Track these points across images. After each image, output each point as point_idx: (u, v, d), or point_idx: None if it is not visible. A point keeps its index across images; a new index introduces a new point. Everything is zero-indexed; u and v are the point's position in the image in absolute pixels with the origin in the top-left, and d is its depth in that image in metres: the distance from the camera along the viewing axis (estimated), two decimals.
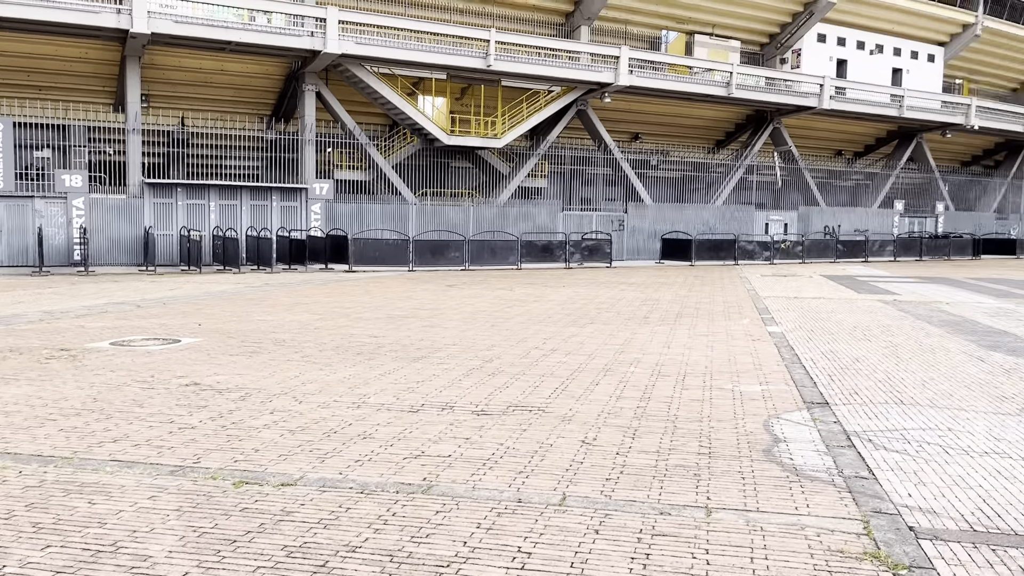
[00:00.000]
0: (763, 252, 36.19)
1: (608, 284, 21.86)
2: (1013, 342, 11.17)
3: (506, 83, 33.21)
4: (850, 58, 42.61)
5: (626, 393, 7.46)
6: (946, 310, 15.44)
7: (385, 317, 13.37)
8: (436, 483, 4.77)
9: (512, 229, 32.78)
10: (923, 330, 12.38)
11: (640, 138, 41.47)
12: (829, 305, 16.26)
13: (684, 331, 12.01)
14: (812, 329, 12.40)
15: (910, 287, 21.73)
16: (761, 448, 5.65)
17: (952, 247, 42.68)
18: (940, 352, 10.18)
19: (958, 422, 6.49)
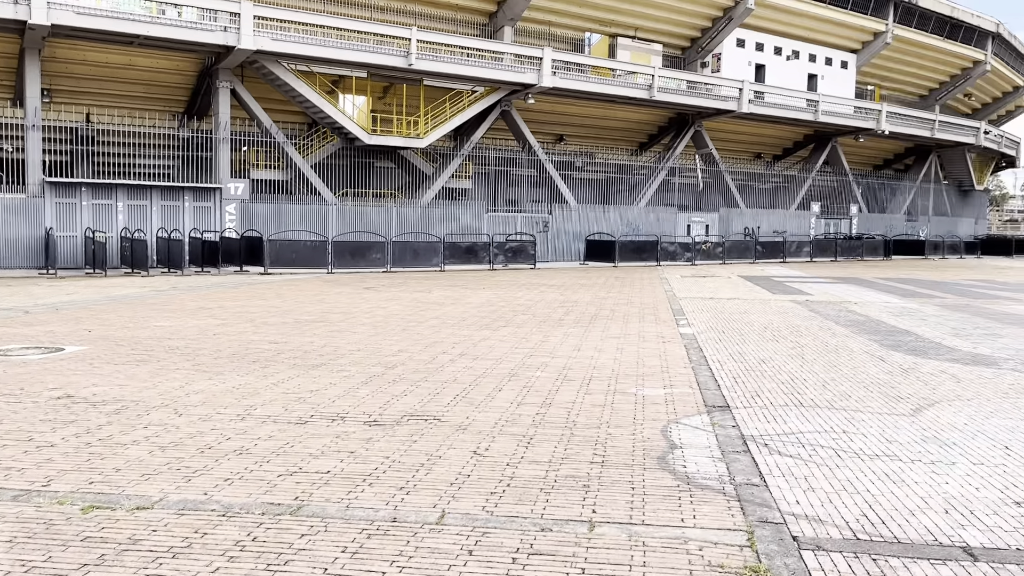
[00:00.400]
0: (685, 253, 36.69)
1: (529, 286, 21.73)
2: (914, 341, 11.41)
3: (429, 82, 32.81)
4: (768, 63, 43.62)
5: (528, 399, 7.26)
6: (854, 310, 15.78)
7: (292, 322, 12.90)
8: (308, 503, 4.46)
9: (436, 230, 32.41)
10: (830, 330, 12.57)
11: (565, 140, 41.58)
12: (743, 306, 16.45)
13: (597, 333, 11.91)
14: (723, 330, 12.46)
15: (823, 287, 22.24)
16: (656, 455, 5.51)
17: (865, 248, 44.11)
18: (844, 352, 10.31)
19: (853, 424, 6.49)
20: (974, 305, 17.09)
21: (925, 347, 10.85)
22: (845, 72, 47.38)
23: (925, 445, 5.86)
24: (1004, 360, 9.79)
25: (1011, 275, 29.52)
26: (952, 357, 10.00)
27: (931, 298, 18.84)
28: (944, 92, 55.52)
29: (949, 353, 10.34)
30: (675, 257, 36.42)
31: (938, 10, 48.58)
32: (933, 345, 11.04)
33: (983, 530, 4.18)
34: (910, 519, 4.33)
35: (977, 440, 6.03)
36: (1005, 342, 11.37)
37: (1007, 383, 8.30)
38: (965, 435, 6.17)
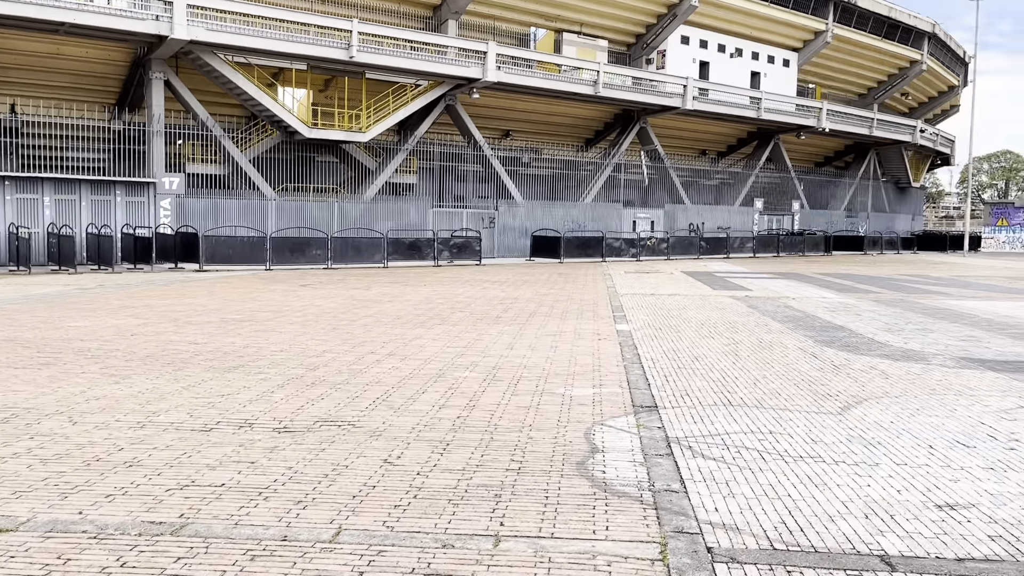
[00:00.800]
0: (630, 249, 36.80)
1: (472, 282, 21.44)
2: (848, 337, 11.43)
3: (371, 76, 32.26)
4: (712, 60, 43.99)
5: (451, 401, 6.98)
6: (792, 306, 15.85)
7: (218, 321, 12.41)
8: (193, 520, 4.12)
9: (380, 226, 31.90)
10: (766, 326, 12.55)
11: (511, 135, 41.38)
12: (683, 302, 16.41)
13: (533, 331, 11.69)
14: (660, 327, 12.35)
15: (763, 283, 22.40)
16: (576, 461, 5.28)
17: (807, 244, 44.87)
18: (778, 349, 10.25)
19: (781, 423, 6.36)
20: (908, 300, 17.34)
21: (858, 343, 10.86)
22: (787, 70, 48.06)
23: (850, 445, 5.75)
24: (933, 355, 9.83)
25: (944, 270, 30.21)
26: (883, 353, 10.01)
27: (867, 293, 19.08)
28: (882, 91, 56.75)
29: (881, 349, 10.36)
30: (620, 253, 36.49)
31: (876, 10, 49.59)
32: (866, 341, 11.07)
33: (902, 536, 4.04)
34: (829, 526, 4.17)
35: (902, 439, 5.94)
36: (935, 337, 11.47)
37: (935, 379, 8.29)
38: (891, 434, 6.08)
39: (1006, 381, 8.24)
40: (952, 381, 8.22)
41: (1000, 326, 12.88)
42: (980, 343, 10.97)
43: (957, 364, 9.24)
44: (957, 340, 11.22)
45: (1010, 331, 12.24)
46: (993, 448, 5.72)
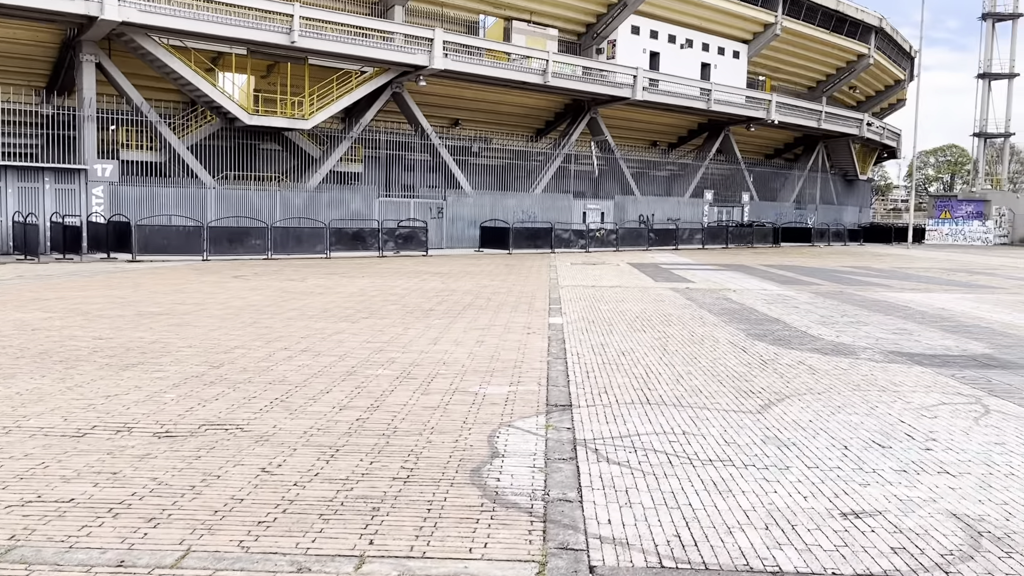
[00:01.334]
0: (579, 240, 36.61)
1: (413, 274, 20.99)
2: (781, 330, 11.29)
3: (315, 62, 31.49)
4: (663, 51, 43.97)
5: (355, 402, 6.59)
6: (731, 298, 15.73)
7: (133, 314, 11.81)
8: (23, 543, 3.68)
9: (324, 216, 31.22)
10: (701, 319, 12.37)
11: (460, 124, 40.88)
12: (622, 294, 16.19)
13: (463, 324, 11.33)
14: (594, 320, 12.08)
15: (706, 275, 22.34)
16: (471, 467, 4.94)
17: (755, 235, 45.19)
18: (708, 343, 10.04)
19: (696, 423, 6.10)
20: (846, 292, 17.36)
21: (790, 336, 10.72)
22: (737, 62, 48.29)
23: (764, 447, 5.50)
24: (863, 349, 9.71)
25: (887, 262, 30.58)
26: (814, 347, 9.86)
27: (808, 285, 19.10)
28: (831, 84, 57.41)
29: (812, 343, 10.21)
30: (569, 244, 36.29)
31: (824, 3, 50.04)
32: (798, 334, 10.93)
33: (801, 550, 3.77)
34: (726, 538, 3.89)
35: (818, 439, 5.71)
36: (868, 330, 11.38)
37: (860, 375, 8.13)
38: (807, 434, 5.85)
39: (931, 376, 8.11)
40: (878, 376, 8.07)
41: (933, 319, 12.88)
42: (911, 336, 10.91)
43: (886, 358, 9.12)
44: (889, 333, 11.15)
45: (942, 324, 12.23)
46: (909, 449, 5.52)
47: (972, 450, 5.51)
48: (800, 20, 49.25)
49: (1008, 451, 5.50)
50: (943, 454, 5.40)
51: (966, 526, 4.12)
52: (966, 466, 5.15)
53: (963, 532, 4.03)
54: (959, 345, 10.18)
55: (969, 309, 14.32)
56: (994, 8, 61.65)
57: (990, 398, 7.15)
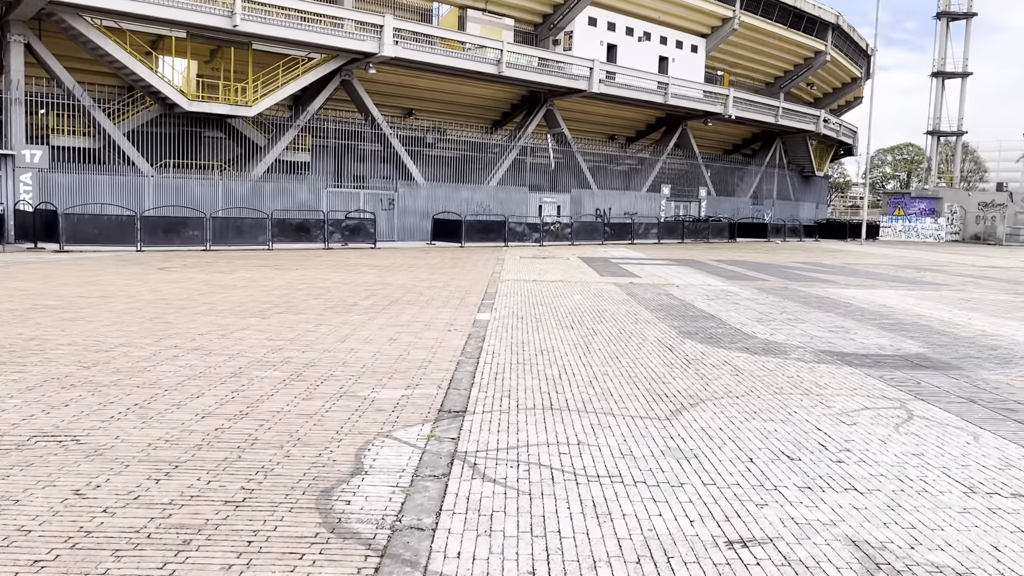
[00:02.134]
0: (533, 234, 36.07)
1: (352, 266, 20.28)
2: (715, 328, 10.84)
3: (259, 47, 30.49)
4: (620, 44, 43.54)
5: (223, 408, 5.95)
6: (672, 293, 15.30)
7: (26, 308, 10.99)
8: None
9: (270, 206, 30.26)
10: (635, 315, 11.89)
11: (415, 114, 40.08)
12: (563, 289, 15.68)
13: (382, 321, 10.71)
14: (524, 316, 11.53)
15: (655, 269, 21.93)
16: (323, 487, 4.35)
17: (711, 230, 45.06)
18: (635, 341, 9.55)
19: (596, 432, 5.56)
20: (791, 288, 17.05)
21: (722, 334, 10.27)
22: (695, 56, 48.09)
23: (662, 460, 4.98)
24: (794, 348, 9.29)
25: (839, 257, 30.53)
26: (744, 346, 9.42)
27: (754, 280, 18.77)
28: (788, 80, 57.55)
29: (744, 341, 9.77)
30: (524, 238, 35.73)
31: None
32: (731, 332, 10.49)
33: None
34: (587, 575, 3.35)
35: (723, 450, 5.21)
36: (804, 328, 10.99)
37: (786, 376, 7.68)
38: (713, 444, 5.35)
39: (859, 378, 7.69)
40: (804, 378, 7.63)
41: (872, 315, 12.55)
42: (847, 334, 10.54)
43: (816, 358, 8.70)
44: (825, 331, 10.76)
45: (880, 321, 11.90)
46: (819, 461, 5.04)
47: (887, 462, 5.05)
48: (758, 15, 49.19)
49: (924, 463, 5.05)
50: (855, 467, 4.93)
51: (864, 556, 3.63)
52: (877, 481, 4.68)
53: (859, 565, 3.54)
54: (894, 344, 9.82)
55: (910, 306, 14.05)
56: (948, 7, 62.31)
57: (916, 402, 6.73)
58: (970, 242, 53.45)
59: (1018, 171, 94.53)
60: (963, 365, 8.53)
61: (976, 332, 11.07)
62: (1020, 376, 8.02)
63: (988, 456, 5.25)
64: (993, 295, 16.60)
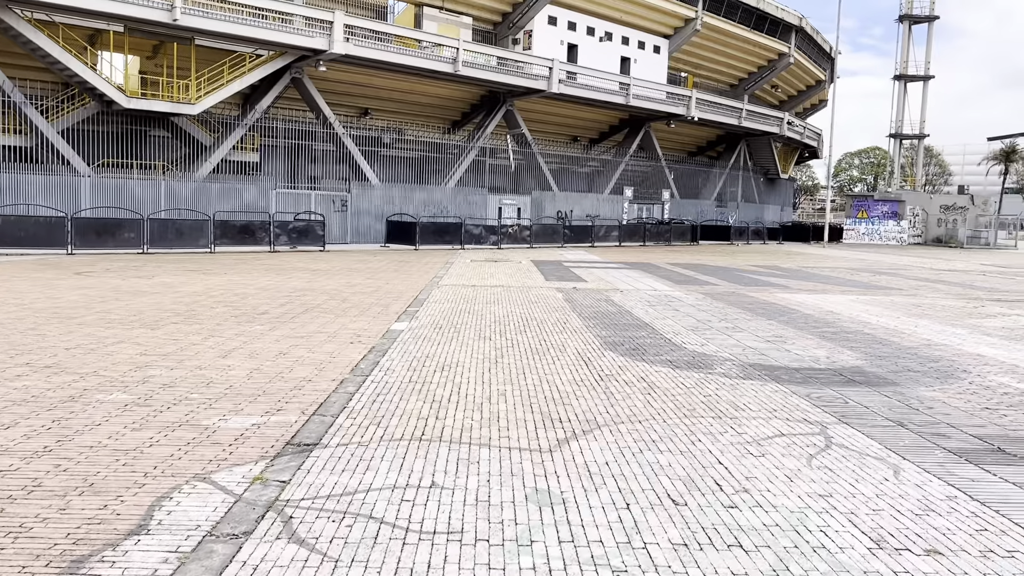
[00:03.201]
0: (490, 237, 35.25)
1: (288, 270, 19.34)
2: (644, 338, 10.11)
3: (203, 42, 29.41)
4: (581, 43, 42.93)
5: (28, 443, 5.07)
6: (613, 299, 14.57)
7: None
8: None
9: (215, 207, 29.19)
10: (564, 324, 11.13)
11: (371, 114, 39.15)
12: (500, 295, 14.89)
13: (284, 331, 9.85)
14: (444, 325, 10.73)
15: (604, 273, 21.23)
16: (78, 555, 3.50)
17: (673, 233, 44.56)
18: (552, 354, 8.78)
19: (459, 472, 4.77)
20: (739, 293, 16.41)
21: (650, 345, 9.54)
22: (658, 57, 47.62)
23: (520, 508, 4.19)
24: (722, 361, 8.57)
25: (798, 260, 30.08)
26: (669, 359, 8.69)
27: (703, 285, 18.12)
28: (752, 82, 57.37)
29: (671, 353, 9.05)
30: (480, 240, 34.90)
31: (745, 0, 49.74)
32: (660, 342, 9.76)
33: None
34: None
35: (600, 493, 4.44)
36: (740, 337, 10.30)
37: (702, 396, 6.95)
38: (591, 485, 4.58)
39: (783, 397, 6.98)
40: (722, 397, 6.90)
41: (817, 323, 11.91)
42: (784, 345, 9.86)
43: (742, 373, 7.99)
44: (761, 341, 10.08)
45: (823, 329, 11.25)
46: (708, 506, 4.29)
47: (787, 507, 4.31)
48: (721, 16, 48.86)
49: (830, 508, 4.31)
50: (748, 514, 4.18)
51: None
52: (769, 535, 3.93)
53: None
54: (831, 356, 9.15)
55: (858, 312, 13.45)
56: (911, 10, 62.53)
57: (838, 426, 6.03)
58: (932, 245, 53.53)
59: (980, 174, 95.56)
60: (899, 380, 7.87)
61: (920, 341, 10.45)
62: (958, 393, 7.37)
63: (906, 497, 4.53)
64: (945, 300, 16.08)
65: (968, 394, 7.34)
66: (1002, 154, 68.10)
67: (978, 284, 20.40)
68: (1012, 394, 7.38)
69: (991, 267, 28.53)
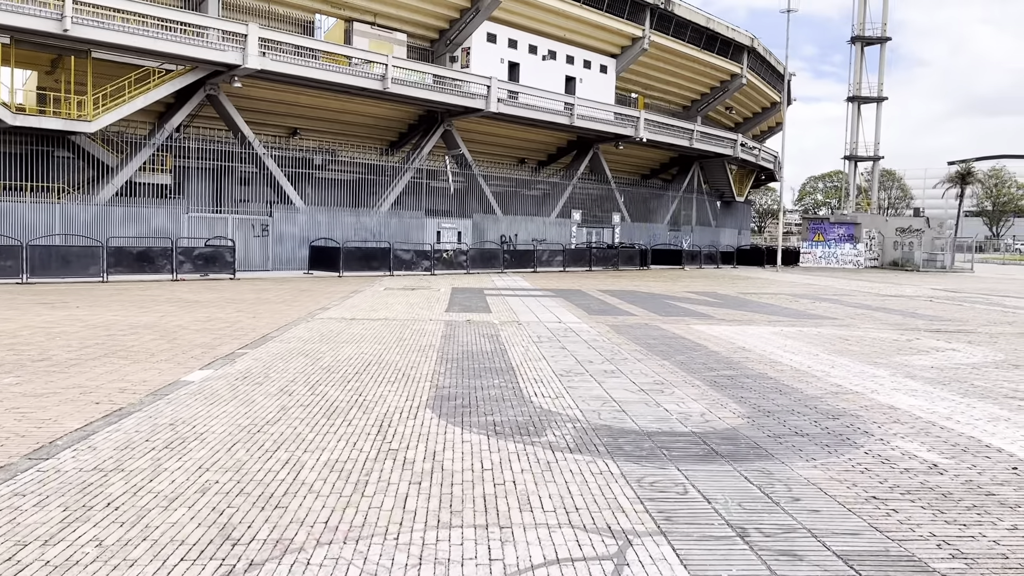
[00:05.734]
0: (423, 262, 33.32)
1: (156, 302, 17.24)
2: (492, 388, 8.22)
3: (104, 56, 27.37)
4: (523, 62, 41.45)
5: None
6: (500, 335, 12.68)
7: None
8: None
9: (119, 232, 27.04)
10: (410, 369, 9.22)
11: (299, 134, 37.19)
12: (373, 330, 12.95)
13: (30, 387, 7.83)
14: (254, 375, 8.78)
15: (520, 302, 19.37)
16: None
17: (621, 257, 42.92)
18: (353, 413, 6.86)
19: None
20: (652, 324, 14.62)
21: (491, 399, 7.66)
22: (605, 77, 46.31)
23: None
24: (563, 423, 6.69)
25: (741, 286, 28.50)
26: (498, 419, 6.81)
27: (618, 316, 16.32)
28: (705, 104, 56.34)
29: (507, 411, 7.17)
30: (412, 266, 32.95)
31: (694, 20, 48.74)
32: (507, 395, 7.88)
33: None
34: None
35: None
36: (611, 385, 8.44)
37: (496, 483, 5.06)
38: None
39: (603, 483, 5.12)
40: (519, 485, 5.02)
41: (718, 363, 10.12)
42: (660, 394, 8.03)
43: (576, 442, 6.13)
44: (634, 390, 8.24)
45: (720, 372, 9.45)
46: None
47: None
48: (670, 36, 47.73)
49: None
50: None
51: None
52: None
53: None
54: (708, 412, 7.32)
55: (773, 349, 11.68)
56: (863, 32, 62.11)
57: (649, 542, 4.16)
58: (888, 268, 52.49)
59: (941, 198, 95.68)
60: (777, 450, 6.05)
61: (828, 388, 8.69)
62: (845, 470, 5.56)
63: None
64: (879, 331, 14.42)
65: (858, 471, 5.53)
66: (958, 176, 67.74)
67: (921, 312, 18.84)
68: (915, 471, 5.59)
69: (941, 292, 27.14)
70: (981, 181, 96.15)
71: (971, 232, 74.89)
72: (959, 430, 6.90)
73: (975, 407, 7.88)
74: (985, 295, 25.76)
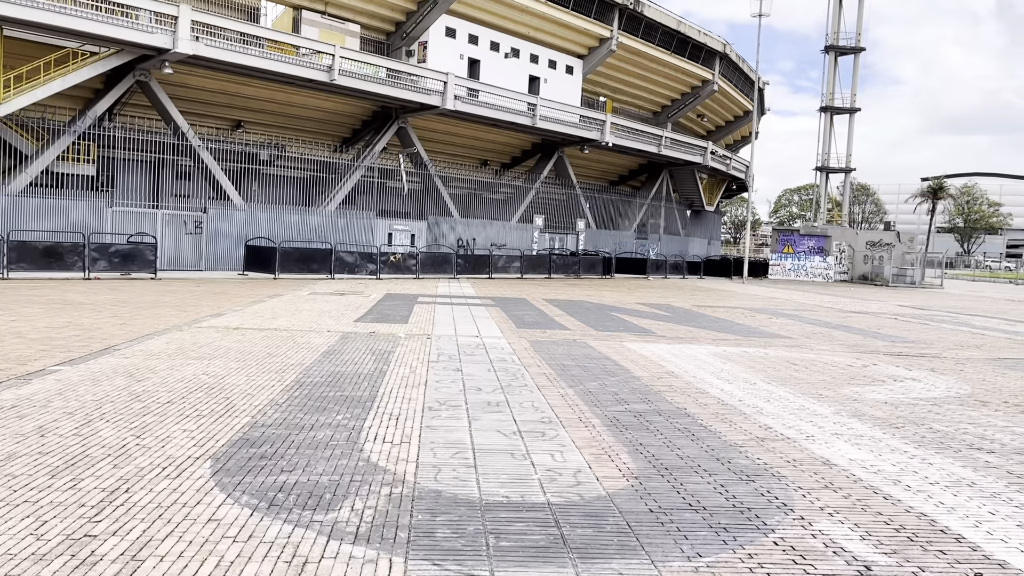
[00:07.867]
0: (368, 265, 31.42)
1: (27, 303, 15.29)
2: (328, 440, 6.44)
3: (17, 34, 25.29)
4: (484, 59, 39.74)
5: None
6: (392, 353, 10.89)
7: None
8: None
9: (34, 225, 25.01)
10: (245, 400, 7.40)
11: (243, 127, 35.21)
12: (250, 342, 11.10)
13: None
14: (51, 402, 6.93)
15: (449, 311, 17.58)
16: None
17: (582, 265, 41.23)
18: (84, 469, 5.02)
19: None
20: (583, 340, 12.89)
21: (291, 450, 5.86)
22: (571, 78, 44.71)
23: None
24: (363, 497, 4.91)
25: (699, 298, 26.91)
26: (268, 487, 5.01)
27: (549, 330, 14.57)
28: (676, 110, 54.97)
29: (301, 471, 5.38)
30: (356, 269, 31.03)
31: (665, 22, 47.32)
32: (333, 443, 6.09)
33: None
34: None
35: None
36: (483, 424, 6.69)
37: None
38: None
39: None
40: None
41: (632, 394, 8.41)
42: (539, 439, 6.30)
43: (375, 522, 4.37)
44: (506, 435, 6.49)
45: (629, 407, 7.73)
46: None
47: None
48: (639, 38, 46.26)
49: None
50: None
51: None
52: None
53: None
54: (588, 467, 5.59)
55: (705, 375, 9.99)
56: (836, 42, 61.11)
57: None
58: (858, 282, 51.30)
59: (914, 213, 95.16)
60: (654, 535, 4.31)
61: (755, 432, 6.98)
62: (733, 572, 3.83)
63: None
64: (832, 354, 12.78)
65: None
66: (929, 191, 66.94)
67: (884, 332, 17.28)
68: None
69: (908, 309, 25.71)
70: (953, 196, 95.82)
71: (942, 248, 74.17)
72: (907, 502, 5.20)
73: (931, 463, 6.21)
74: (953, 313, 24.36)
